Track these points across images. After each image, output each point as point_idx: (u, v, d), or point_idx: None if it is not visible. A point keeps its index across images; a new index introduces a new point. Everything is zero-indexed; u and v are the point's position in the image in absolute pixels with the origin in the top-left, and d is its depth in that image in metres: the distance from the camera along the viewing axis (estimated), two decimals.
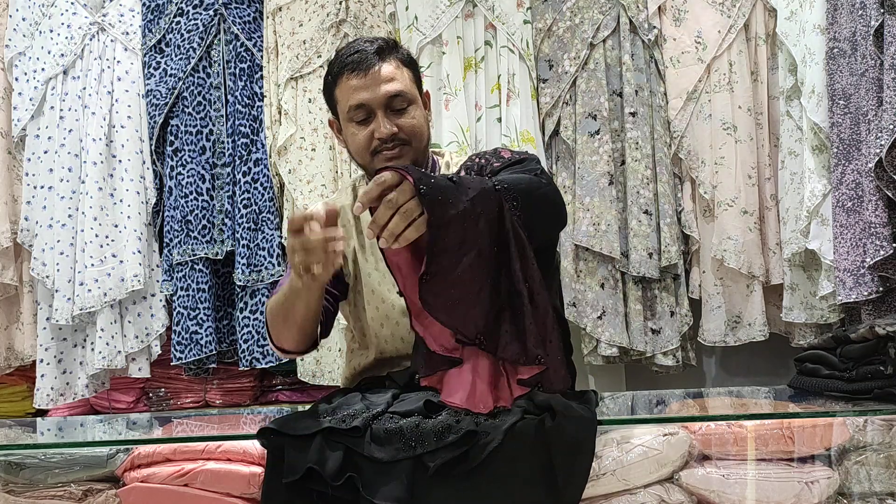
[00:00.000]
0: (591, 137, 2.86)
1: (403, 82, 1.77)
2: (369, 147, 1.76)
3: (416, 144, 1.78)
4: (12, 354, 3.00)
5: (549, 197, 1.55)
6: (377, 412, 1.49)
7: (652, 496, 1.55)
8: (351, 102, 1.75)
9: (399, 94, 1.75)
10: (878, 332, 1.75)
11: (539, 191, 1.51)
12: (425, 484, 1.38)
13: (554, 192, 1.58)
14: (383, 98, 1.74)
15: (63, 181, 2.89)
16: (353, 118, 1.76)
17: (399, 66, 1.78)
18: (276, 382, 3.06)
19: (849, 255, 2.43)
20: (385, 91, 1.74)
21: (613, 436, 1.56)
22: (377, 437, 1.43)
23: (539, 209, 1.49)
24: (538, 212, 1.49)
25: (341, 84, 1.77)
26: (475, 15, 2.91)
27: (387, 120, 1.74)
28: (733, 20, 2.86)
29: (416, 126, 1.77)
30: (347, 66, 1.76)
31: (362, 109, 1.75)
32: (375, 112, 1.74)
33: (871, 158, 2.32)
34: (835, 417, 1.64)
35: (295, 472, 1.41)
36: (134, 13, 3.00)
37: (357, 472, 1.40)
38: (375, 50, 1.76)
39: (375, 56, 1.76)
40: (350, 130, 1.78)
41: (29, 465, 1.70)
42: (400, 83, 1.76)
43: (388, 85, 1.74)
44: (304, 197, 2.84)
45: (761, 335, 2.82)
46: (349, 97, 1.76)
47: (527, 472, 1.39)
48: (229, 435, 1.89)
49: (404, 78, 1.78)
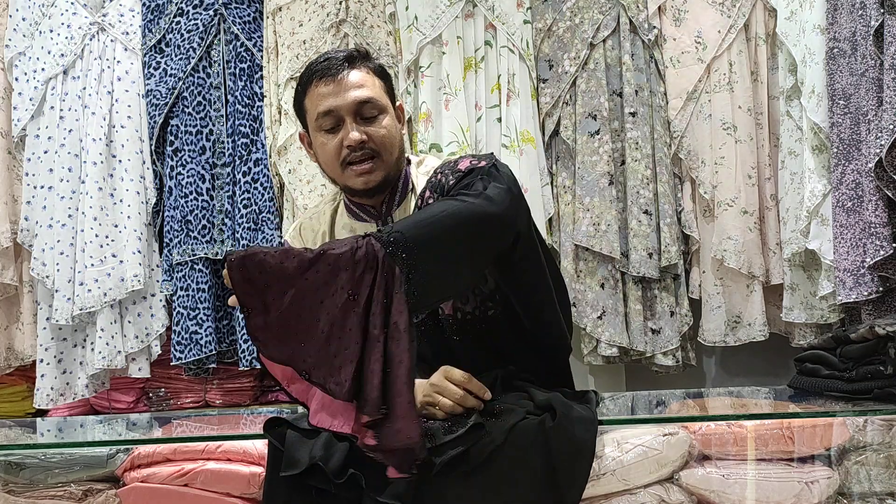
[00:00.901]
0: (591, 137, 2.86)
1: (374, 90, 1.71)
2: (339, 157, 1.69)
3: (387, 157, 1.70)
4: (12, 354, 3.00)
5: (465, 218, 1.44)
6: None
7: (652, 496, 1.55)
8: (319, 109, 1.69)
9: (369, 100, 1.69)
10: (878, 332, 1.75)
11: (443, 223, 1.42)
12: (428, 482, 1.38)
13: (475, 207, 1.46)
14: (352, 104, 1.68)
15: (63, 181, 2.89)
16: (321, 126, 1.70)
17: (370, 73, 1.73)
18: (276, 382, 3.06)
19: (849, 255, 2.43)
20: (354, 97, 1.68)
21: (613, 436, 1.56)
22: None
23: (445, 246, 1.41)
24: (448, 246, 1.41)
25: (310, 92, 1.71)
26: (475, 15, 2.91)
27: (356, 127, 1.68)
28: (733, 20, 2.86)
29: (387, 137, 1.70)
30: (316, 73, 1.70)
31: (330, 116, 1.68)
32: (344, 119, 1.68)
33: (871, 158, 2.32)
34: (835, 417, 1.64)
35: (296, 466, 1.41)
36: (134, 13, 3.00)
37: (360, 469, 1.40)
38: (345, 57, 1.72)
39: (344, 63, 1.70)
40: (319, 140, 1.72)
41: (29, 465, 1.70)
42: (370, 90, 1.70)
43: (357, 91, 1.69)
44: (304, 197, 2.84)
45: (761, 335, 2.81)
46: (317, 104, 1.69)
47: (528, 472, 1.39)
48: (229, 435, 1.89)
49: (375, 86, 1.72)
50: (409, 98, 2.91)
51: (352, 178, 1.70)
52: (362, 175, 1.69)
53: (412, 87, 2.92)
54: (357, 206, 1.79)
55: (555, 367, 1.70)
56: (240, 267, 1.32)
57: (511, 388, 1.62)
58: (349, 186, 1.72)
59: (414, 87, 2.92)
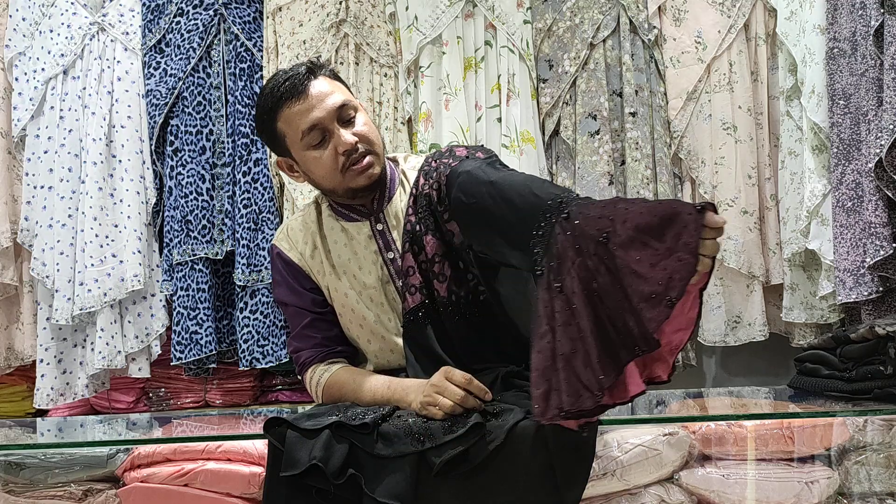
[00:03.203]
0: (591, 137, 2.86)
1: (343, 92, 1.73)
2: (337, 165, 1.70)
3: (378, 149, 1.74)
4: (12, 354, 3.00)
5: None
6: (387, 411, 1.49)
7: (652, 496, 1.55)
8: (302, 127, 1.69)
9: (344, 103, 1.71)
10: (878, 332, 1.75)
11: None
12: (428, 482, 1.38)
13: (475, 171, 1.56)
14: (333, 112, 1.69)
15: (63, 181, 2.88)
16: (310, 143, 1.70)
17: (329, 79, 1.74)
18: (276, 382, 3.06)
19: (849, 255, 2.43)
20: (332, 104, 1.69)
21: (613, 436, 1.56)
22: (385, 434, 1.43)
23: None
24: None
25: (283, 115, 1.71)
26: (475, 15, 2.91)
27: (344, 131, 1.70)
28: (733, 20, 2.86)
29: (371, 131, 1.73)
30: (284, 95, 1.70)
31: (316, 130, 1.69)
32: (329, 128, 1.69)
33: (871, 158, 2.32)
34: (835, 417, 1.64)
35: (296, 466, 1.41)
36: (134, 13, 3.00)
37: (360, 469, 1.40)
38: (306, 71, 1.72)
39: (308, 76, 1.71)
40: (310, 157, 1.72)
41: (29, 465, 1.70)
42: (341, 93, 1.72)
43: (331, 98, 1.70)
44: (304, 197, 2.84)
45: (761, 335, 2.81)
46: (299, 123, 1.69)
47: (528, 472, 1.40)
48: (229, 435, 1.90)
49: (341, 89, 1.74)
50: (409, 98, 2.91)
51: (353, 179, 1.70)
52: (364, 172, 1.70)
53: (412, 87, 2.92)
54: (346, 207, 1.80)
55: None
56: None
57: (511, 388, 1.62)
58: (351, 188, 1.73)
59: (414, 87, 2.92)
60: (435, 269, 1.69)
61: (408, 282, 1.70)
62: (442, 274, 1.69)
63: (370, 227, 1.78)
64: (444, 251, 1.69)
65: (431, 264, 1.69)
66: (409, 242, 1.71)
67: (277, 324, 2.84)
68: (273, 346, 2.82)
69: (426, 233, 1.70)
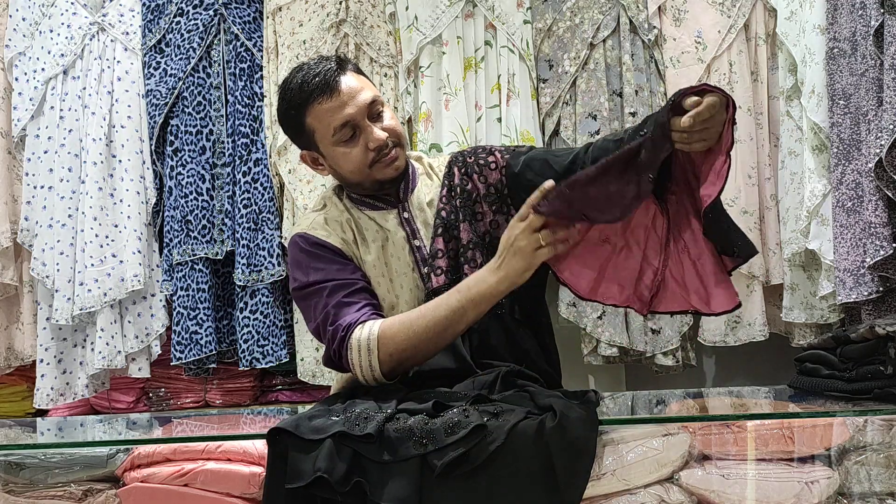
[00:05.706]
0: (592, 137, 2.85)
1: (371, 88, 1.77)
2: (367, 160, 1.74)
3: (404, 142, 1.80)
4: (12, 354, 3.00)
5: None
6: (389, 413, 1.48)
7: (652, 496, 1.55)
8: (335, 124, 1.72)
9: (374, 99, 1.75)
10: (878, 332, 1.74)
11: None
12: (430, 484, 1.38)
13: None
14: (364, 108, 1.73)
15: (63, 181, 2.89)
16: (341, 139, 1.73)
17: (356, 73, 1.78)
18: (276, 382, 3.06)
19: (849, 255, 2.43)
20: (363, 101, 1.73)
21: (613, 436, 1.56)
22: (387, 439, 1.42)
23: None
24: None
25: (313, 111, 1.74)
26: (475, 15, 2.91)
27: (375, 127, 1.73)
28: (733, 20, 2.86)
29: (397, 125, 1.78)
30: (315, 91, 1.72)
31: (348, 127, 1.72)
32: (360, 124, 1.73)
33: (871, 158, 2.32)
34: (835, 417, 1.64)
35: (301, 477, 1.40)
36: (134, 13, 3.00)
37: (363, 474, 1.39)
38: (337, 66, 1.74)
39: (337, 71, 1.74)
40: (339, 152, 1.75)
41: (29, 465, 1.70)
42: (369, 89, 1.76)
43: (362, 95, 1.73)
44: (304, 197, 2.84)
45: (761, 335, 2.81)
46: (330, 120, 1.72)
47: (528, 472, 1.40)
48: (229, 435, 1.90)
49: (368, 84, 1.78)
50: (409, 98, 2.91)
51: (381, 171, 1.75)
52: (391, 164, 1.76)
53: (412, 87, 2.92)
54: (371, 196, 1.83)
55: (541, 343, 1.83)
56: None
57: (511, 387, 1.62)
58: (379, 180, 1.77)
59: (414, 87, 2.92)
60: (468, 254, 1.75)
61: (434, 264, 1.75)
62: (473, 260, 1.75)
63: (398, 215, 1.81)
64: (478, 241, 1.76)
65: (465, 250, 1.76)
66: (442, 228, 1.77)
67: (277, 324, 2.85)
68: (273, 346, 2.82)
69: (463, 220, 1.77)
